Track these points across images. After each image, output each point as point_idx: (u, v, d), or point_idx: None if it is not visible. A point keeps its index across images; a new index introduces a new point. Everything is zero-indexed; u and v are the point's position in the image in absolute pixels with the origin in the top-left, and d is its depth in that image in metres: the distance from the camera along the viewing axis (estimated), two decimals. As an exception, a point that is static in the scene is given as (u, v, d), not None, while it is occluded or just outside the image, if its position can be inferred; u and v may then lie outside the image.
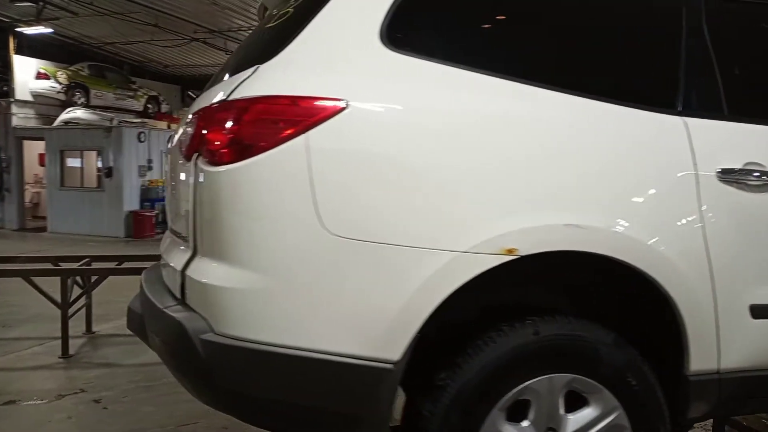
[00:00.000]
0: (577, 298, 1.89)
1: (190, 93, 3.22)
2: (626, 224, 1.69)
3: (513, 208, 1.63)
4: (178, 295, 1.78)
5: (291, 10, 1.86)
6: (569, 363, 1.70)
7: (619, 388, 1.73)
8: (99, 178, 13.73)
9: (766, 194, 1.82)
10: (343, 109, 1.56)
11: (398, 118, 1.64)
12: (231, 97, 1.61)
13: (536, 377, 1.67)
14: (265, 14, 2.30)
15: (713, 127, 1.84)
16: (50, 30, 14.46)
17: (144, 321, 1.94)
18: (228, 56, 2.38)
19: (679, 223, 1.75)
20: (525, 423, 1.70)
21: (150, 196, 13.70)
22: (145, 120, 16.49)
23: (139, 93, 17.95)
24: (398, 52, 1.66)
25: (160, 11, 12.74)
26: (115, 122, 14.34)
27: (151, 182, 13.84)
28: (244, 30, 13.87)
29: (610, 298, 1.89)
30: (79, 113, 15.07)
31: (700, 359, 1.77)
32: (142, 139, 13.81)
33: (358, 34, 1.68)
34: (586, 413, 1.74)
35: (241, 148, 1.56)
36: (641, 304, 1.85)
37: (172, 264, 1.88)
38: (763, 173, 1.81)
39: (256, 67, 1.66)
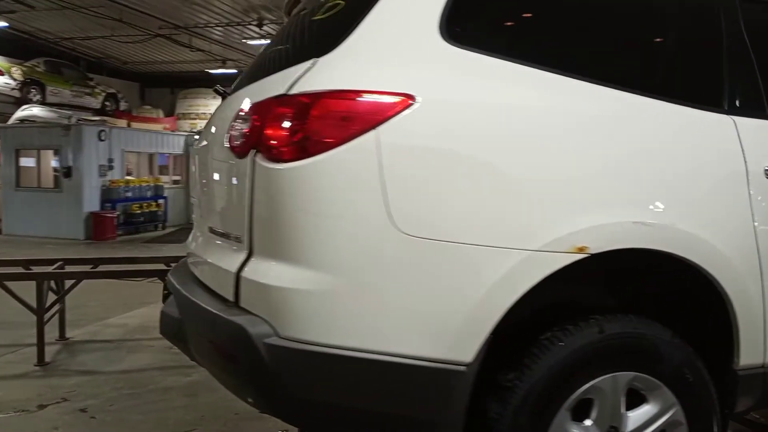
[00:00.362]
0: (627, 295, 1.88)
1: (218, 88, 3.02)
2: (688, 222, 1.71)
3: (585, 206, 1.60)
4: (230, 297, 1.69)
5: (341, 2, 1.79)
6: (632, 361, 1.69)
7: (677, 384, 1.73)
8: (56, 178, 13.25)
9: None
10: (413, 104, 1.51)
11: (471, 115, 1.58)
12: (293, 91, 1.55)
13: (601, 376, 1.65)
14: (296, 7, 2.22)
15: (759, 126, 1.89)
16: (5, 24, 13.91)
17: (183, 326, 1.87)
18: (196, 52, 2.48)
19: (733, 221, 1.79)
20: (588, 422, 1.68)
21: (111, 197, 13.30)
22: (105, 118, 16.03)
23: (96, 90, 17.51)
24: (460, 47, 1.62)
25: (125, 6, 12.39)
26: (73, 120, 13.84)
27: (113, 182, 13.42)
28: (211, 26, 13.62)
29: (662, 296, 1.89)
30: (35, 111, 14.58)
31: (749, 354, 1.80)
32: (103, 138, 13.37)
33: (417, 27, 1.63)
34: (646, 410, 1.74)
35: (308, 145, 1.51)
36: (692, 301, 1.86)
37: (219, 264, 1.80)
38: None
39: (313, 60, 1.59)
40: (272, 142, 1.56)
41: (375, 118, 1.50)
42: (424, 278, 1.51)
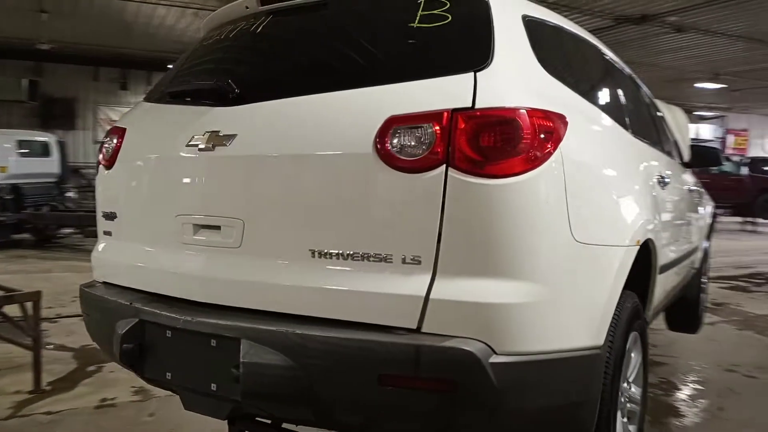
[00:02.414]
0: None
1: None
2: (651, 219, 2.46)
3: (634, 213, 2.21)
4: (404, 324, 1.58)
5: (448, 15, 1.83)
6: (637, 321, 2.26)
7: (642, 335, 2.37)
8: None
9: None
10: (568, 123, 1.72)
11: (590, 137, 2.05)
12: (480, 105, 1.58)
13: (632, 332, 2.20)
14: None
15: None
16: None
17: (309, 378, 1.62)
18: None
19: (657, 217, 2.57)
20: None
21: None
22: None
23: None
24: (552, 76, 1.91)
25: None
26: None
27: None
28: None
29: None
30: None
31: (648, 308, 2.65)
32: None
33: (527, 54, 1.85)
34: (635, 357, 2.31)
35: (523, 160, 1.56)
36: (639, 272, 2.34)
37: (364, 289, 1.62)
38: None
39: (472, 75, 1.63)
40: (480, 157, 1.54)
41: (561, 135, 1.65)
42: (587, 277, 1.79)
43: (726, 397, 3.56)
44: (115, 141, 2.26)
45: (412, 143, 1.59)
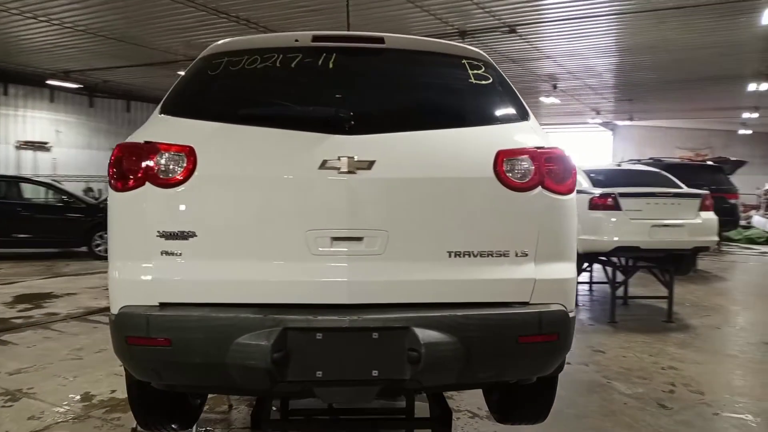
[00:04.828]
0: None
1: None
2: None
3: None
4: (521, 299, 2.26)
5: (489, 76, 2.59)
6: None
7: None
8: None
9: None
10: None
11: None
12: (547, 146, 2.34)
13: None
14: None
15: None
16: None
17: (471, 349, 2.13)
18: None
19: None
20: None
21: None
22: None
23: None
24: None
25: None
26: None
27: None
28: None
29: None
30: None
31: None
32: None
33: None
34: None
35: (571, 183, 2.37)
36: None
37: (492, 277, 2.25)
38: None
39: (524, 124, 2.48)
40: (553, 181, 2.29)
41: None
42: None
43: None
44: (181, 160, 2.19)
45: (520, 170, 2.30)
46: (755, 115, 18.02)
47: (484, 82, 2.59)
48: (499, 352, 2.21)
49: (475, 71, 2.60)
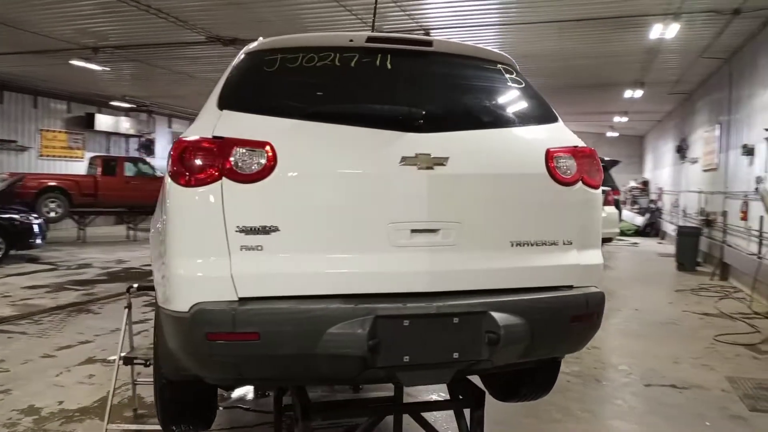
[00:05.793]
0: None
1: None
2: None
3: None
4: (568, 282, 2.58)
5: (523, 87, 2.84)
6: None
7: None
8: None
9: None
10: None
11: None
12: (580, 145, 2.68)
13: None
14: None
15: None
16: None
17: (534, 330, 2.39)
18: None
19: None
20: None
21: None
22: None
23: None
24: None
25: None
26: None
27: None
28: None
29: None
30: None
31: None
32: None
33: None
34: None
35: (599, 178, 2.74)
36: None
37: (544, 264, 2.54)
38: None
39: (555, 125, 2.78)
40: (589, 176, 2.63)
41: None
42: None
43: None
44: (260, 156, 2.19)
45: (566, 166, 2.60)
46: (625, 119, 19.80)
47: (518, 86, 2.84)
48: (556, 331, 2.51)
49: (509, 75, 2.84)
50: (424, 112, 2.44)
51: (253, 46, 2.64)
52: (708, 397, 4.78)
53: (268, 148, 2.21)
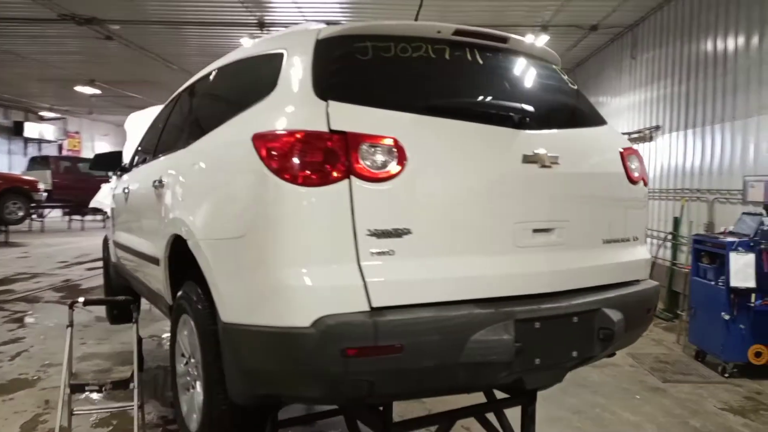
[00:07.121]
0: None
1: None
2: None
3: None
4: (640, 276, 2.80)
5: (577, 88, 3.03)
6: None
7: None
8: None
9: None
10: None
11: None
12: (631, 146, 2.88)
13: None
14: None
15: None
16: None
17: (624, 322, 2.51)
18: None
19: None
20: None
21: None
22: None
23: None
24: None
25: None
26: None
27: None
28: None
29: None
30: None
31: None
32: None
33: None
34: None
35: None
36: None
37: (626, 260, 2.72)
38: None
39: (609, 126, 2.97)
40: (645, 176, 2.83)
41: None
42: None
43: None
44: (389, 152, 1.97)
45: (635, 166, 2.80)
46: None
47: (574, 87, 2.97)
48: (639, 323, 2.68)
49: (565, 76, 2.98)
50: (533, 109, 2.46)
51: (330, 30, 2.35)
52: (624, 372, 5.33)
53: (395, 143, 2.03)
